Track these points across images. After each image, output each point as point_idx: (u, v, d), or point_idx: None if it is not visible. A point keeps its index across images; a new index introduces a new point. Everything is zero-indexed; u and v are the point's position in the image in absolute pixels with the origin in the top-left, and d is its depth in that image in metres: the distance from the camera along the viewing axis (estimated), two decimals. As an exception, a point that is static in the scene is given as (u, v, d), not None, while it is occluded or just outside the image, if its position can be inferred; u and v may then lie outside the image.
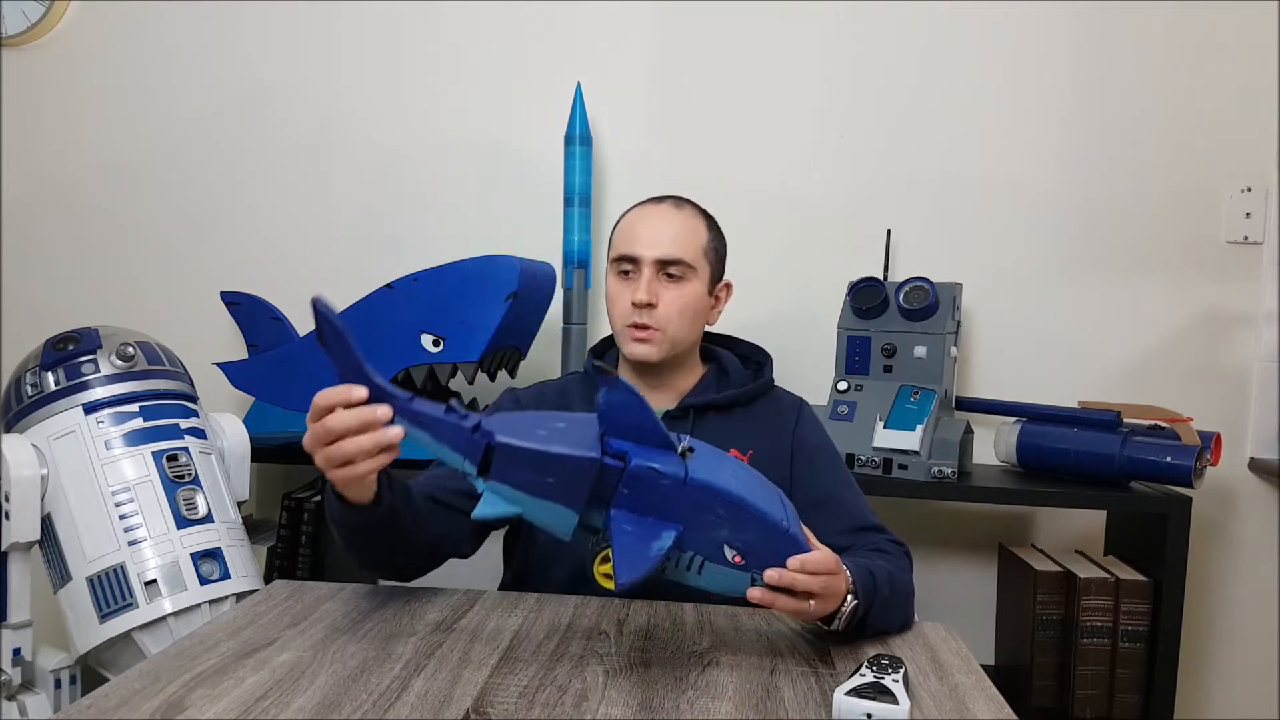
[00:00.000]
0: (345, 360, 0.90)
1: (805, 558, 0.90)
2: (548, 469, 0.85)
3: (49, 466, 1.38)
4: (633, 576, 0.82)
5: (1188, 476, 1.58)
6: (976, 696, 0.90)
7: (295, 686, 0.85)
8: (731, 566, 0.88)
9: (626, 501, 0.85)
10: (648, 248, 1.25)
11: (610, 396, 0.85)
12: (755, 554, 0.88)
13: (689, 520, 0.86)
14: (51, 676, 1.43)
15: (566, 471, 0.85)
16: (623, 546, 0.83)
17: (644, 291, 1.23)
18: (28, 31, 2.02)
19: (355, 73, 2.00)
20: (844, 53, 1.92)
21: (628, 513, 0.85)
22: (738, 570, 0.88)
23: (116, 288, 2.06)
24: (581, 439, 0.86)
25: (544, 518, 0.87)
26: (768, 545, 0.88)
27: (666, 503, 0.85)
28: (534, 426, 0.87)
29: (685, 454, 0.87)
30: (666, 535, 0.85)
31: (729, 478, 0.88)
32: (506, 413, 0.91)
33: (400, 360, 1.72)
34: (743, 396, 1.30)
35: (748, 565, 0.88)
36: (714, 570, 0.88)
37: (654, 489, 0.85)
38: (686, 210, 1.30)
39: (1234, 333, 1.87)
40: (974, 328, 1.92)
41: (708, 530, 0.86)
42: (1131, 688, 1.64)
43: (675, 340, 1.26)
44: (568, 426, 0.88)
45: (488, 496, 0.86)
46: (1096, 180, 1.88)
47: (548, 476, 0.85)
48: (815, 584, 0.91)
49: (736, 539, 0.87)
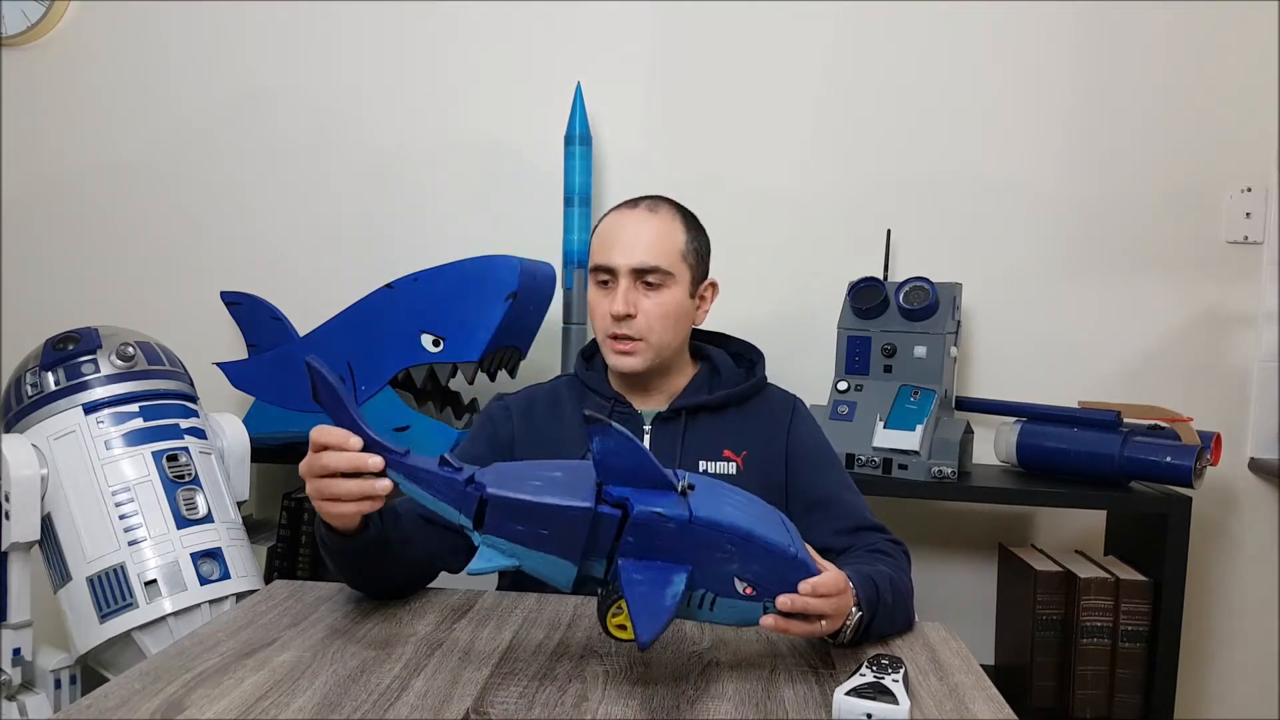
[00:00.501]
0: (340, 416, 0.90)
1: (815, 581, 0.89)
2: (541, 520, 0.84)
3: (49, 466, 1.38)
4: (653, 631, 0.80)
5: (1188, 476, 1.58)
6: (976, 696, 0.90)
7: (295, 686, 0.85)
8: (743, 599, 0.87)
9: (632, 549, 0.85)
10: (623, 256, 1.22)
11: (604, 444, 0.84)
12: (766, 583, 0.87)
13: (698, 559, 0.85)
14: (51, 676, 1.43)
15: (560, 522, 0.84)
16: (637, 598, 0.82)
17: (621, 302, 1.21)
18: (28, 31, 2.02)
19: (355, 73, 2.00)
20: (844, 53, 1.92)
21: (634, 561, 0.84)
22: (749, 601, 0.87)
23: (116, 288, 2.06)
24: (576, 488, 0.85)
25: (542, 569, 0.86)
26: (777, 573, 0.88)
27: (673, 545, 0.84)
28: (528, 477, 0.87)
29: (685, 492, 0.86)
30: (678, 579, 0.84)
31: (732, 511, 0.87)
32: (501, 464, 0.91)
33: (400, 360, 1.72)
34: (735, 396, 1.29)
35: (759, 595, 0.87)
36: (726, 605, 0.87)
37: (660, 533, 0.84)
38: (662, 213, 1.26)
39: (1234, 333, 1.87)
40: (974, 328, 1.92)
41: (717, 566, 0.86)
42: (1131, 688, 1.64)
43: (659, 347, 1.25)
44: (563, 475, 0.88)
45: (483, 550, 0.86)
46: (1096, 180, 1.88)
47: (541, 528, 0.84)
48: (827, 606, 0.91)
49: (747, 571, 0.86)
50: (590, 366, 1.35)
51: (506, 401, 1.34)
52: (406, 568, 1.11)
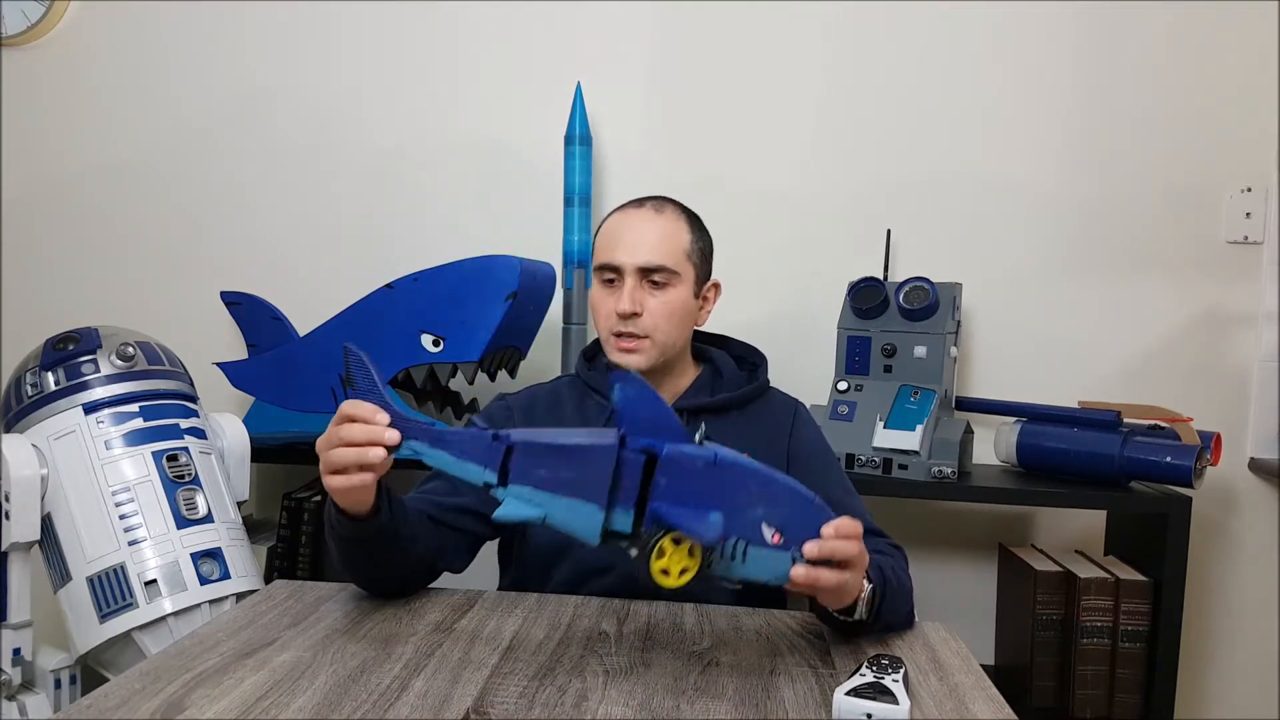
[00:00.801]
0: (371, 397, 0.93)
1: (836, 522, 0.90)
2: (566, 461, 0.85)
3: (49, 466, 1.38)
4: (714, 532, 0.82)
5: (1188, 476, 1.58)
6: (976, 696, 0.90)
7: (295, 686, 0.85)
8: (771, 548, 0.87)
9: (664, 493, 0.85)
10: (629, 255, 1.22)
11: (626, 391, 0.85)
12: (791, 528, 0.88)
13: (725, 502, 0.85)
14: (51, 676, 1.43)
15: (585, 462, 0.85)
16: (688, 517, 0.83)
17: (627, 301, 1.21)
18: (28, 31, 2.02)
19: (355, 73, 2.00)
20: (844, 53, 1.92)
21: (669, 504, 0.85)
22: (778, 550, 0.88)
23: (116, 288, 2.06)
24: (600, 434, 0.87)
25: (568, 518, 0.86)
26: (801, 517, 0.89)
27: (702, 487, 0.85)
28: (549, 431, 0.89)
29: (703, 441, 0.88)
30: (715, 516, 0.84)
31: (749, 458, 0.89)
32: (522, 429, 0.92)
33: (400, 360, 1.72)
34: (737, 399, 1.29)
35: (786, 543, 0.88)
36: (757, 555, 0.87)
37: (689, 473, 0.85)
38: (668, 213, 1.27)
39: (1234, 333, 1.87)
40: (974, 328, 1.92)
41: (744, 510, 0.86)
42: (1131, 688, 1.64)
43: (664, 346, 1.25)
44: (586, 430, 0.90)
45: (509, 501, 0.86)
46: (1097, 180, 1.88)
47: (566, 470, 0.85)
48: (852, 549, 0.91)
49: (773, 515, 0.87)
50: (592, 367, 1.35)
51: (508, 401, 1.34)
52: (411, 564, 1.12)
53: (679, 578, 0.84)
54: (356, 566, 1.10)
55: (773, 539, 0.87)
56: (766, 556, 0.87)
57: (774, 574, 0.89)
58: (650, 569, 0.84)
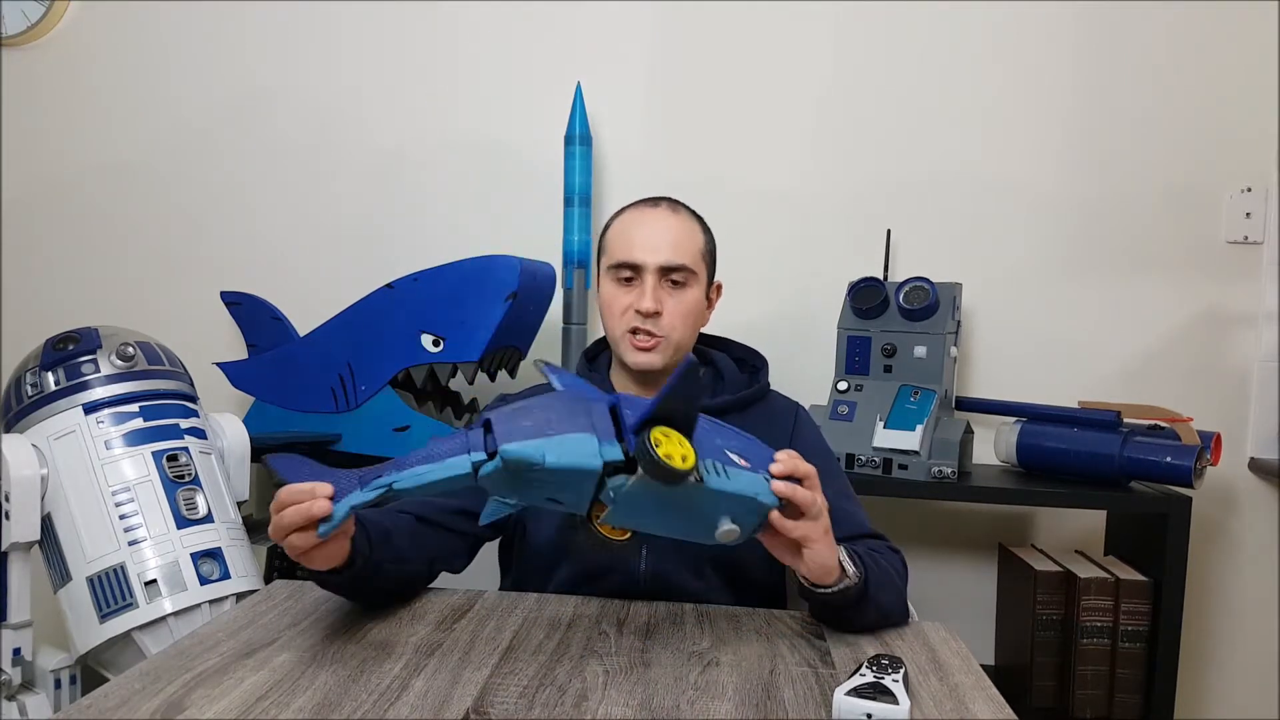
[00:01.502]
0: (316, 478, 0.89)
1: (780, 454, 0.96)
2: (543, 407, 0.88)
3: (49, 466, 1.38)
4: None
5: (1188, 476, 1.58)
6: (976, 696, 0.90)
7: (295, 686, 0.85)
8: (742, 469, 0.92)
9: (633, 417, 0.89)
10: (650, 254, 1.22)
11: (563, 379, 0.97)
12: (750, 455, 0.95)
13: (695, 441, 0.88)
14: (51, 676, 1.43)
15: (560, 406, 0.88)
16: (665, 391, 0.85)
17: (650, 299, 1.21)
18: (28, 31, 2.02)
19: (355, 73, 2.00)
20: (844, 52, 1.92)
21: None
22: (749, 472, 0.93)
23: (116, 288, 2.06)
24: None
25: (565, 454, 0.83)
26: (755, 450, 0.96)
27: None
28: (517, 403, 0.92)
29: None
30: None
31: None
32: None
33: (400, 360, 1.72)
34: (737, 401, 1.29)
35: (753, 466, 0.93)
36: (735, 473, 0.91)
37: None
38: (682, 213, 1.28)
39: (1234, 333, 1.87)
40: (974, 328, 1.92)
41: (707, 440, 0.90)
42: (1131, 688, 1.64)
43: (678, 346, 1.25)
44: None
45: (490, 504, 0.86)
46: (1096, 180, 1.88)
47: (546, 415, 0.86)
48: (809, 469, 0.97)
49: (731, 445, 0.94)
50: (593, 367, 1.35)
51: (508, 400, 1.33)
52: (403, 582, 1.11)
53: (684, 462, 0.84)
54: (348, 597, 1.09)
55: (741, 462, 0.92)
56: (744, 475, 0.92)
57: (757, 490, 0.92)
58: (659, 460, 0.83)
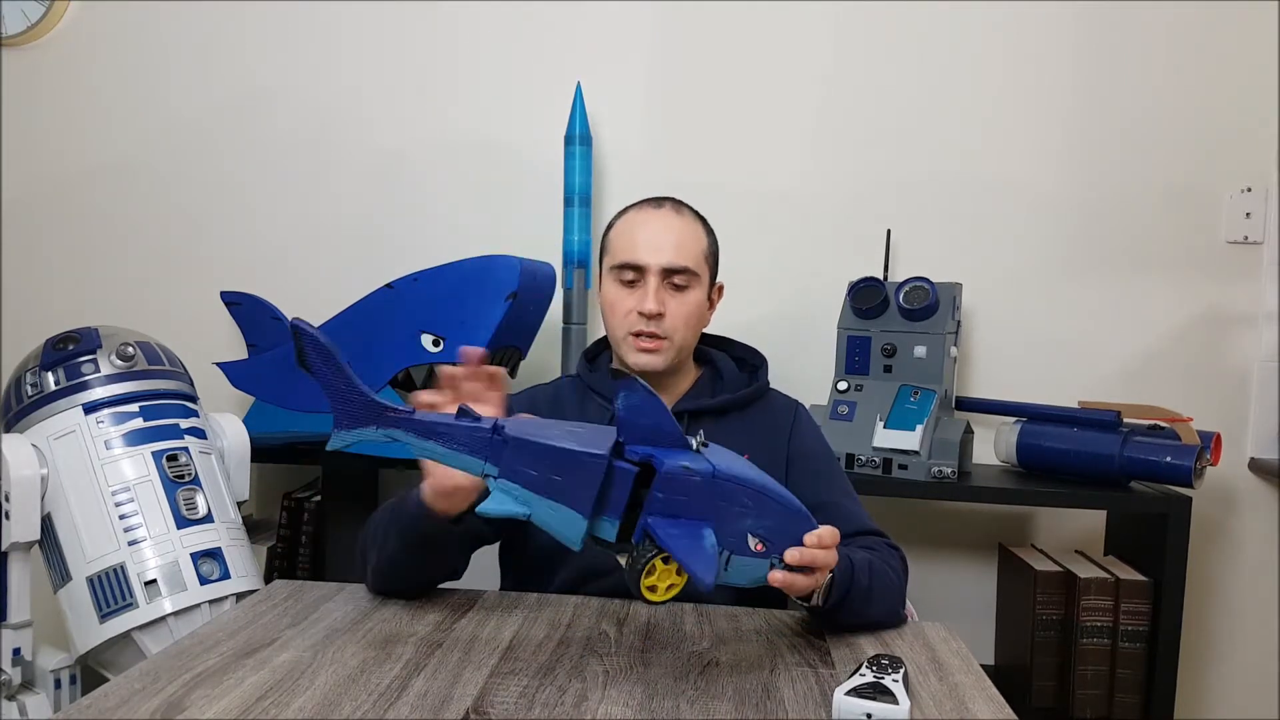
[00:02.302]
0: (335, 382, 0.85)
1: (820, 532, 0.91)
2: (556, 465, 0.83)
3: (49, 466, 1.38)
4: (713, 572, 0.82)
5: (1188, 476, 1.58)
6: (976, 696, 0.90)
7: (295, 686, 0.85)
8: (754, 555, 0.88)
9: (660, 506, 0.84)
10: (653, 256, 1.23)
11: (630, 400, 0.84)
12: (776, 538, 0.89)
13: (717, 515, 0.86)
14: (51, 676, 1.43)
15: (574, 469, 0.83)
16: (685, 549, 0.82)
17: (653, 301, 1.21)
18: (28, 31, 2.02)
19: (355, 73, 2.00)
20: (844, 52, 1.92)
21: (663, 518, 0.84)
22: (759, 558, 0.89)
23: (116, 288, 2.06)
24: (594, 441, 0.85)
25: (552, 522, 0.84)
26: (787, 526, 0.90)
27: (697, 500, 0.85)
28: (549, 428, 0.88)
29: (700, 449, 0.87)
30: (708, 533, 0.84)
31: (744, 467, 0.89)
32: (525, 417, 0.90)
33: (400, 360, 1.72)
34: (738, 400, 1.29)
35: (768, 551, 0.89)
36: (739, 563, 0.88)
37: (685, 489, 0.84)
38: (686, 214, 1.28)
39: (1234, 333, 1.87)
40: (974, 328, 1.92)
41: (734, 521, 0.86)
42: (1131, 688, 1.64)
43: (680, 348, 1.26)
44: (585, 432, 0.88)
45: (496, 494, 0.85)
46: (1096, 180, 1.88)
47: (555, 474, 0.83)
48: (831, 558, 0.92)
49: (760, 526, 0.88)
50: (593, 367, 1.35)
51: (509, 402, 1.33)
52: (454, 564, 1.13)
53: (665, 593, 0.85)
54: (414, 565, 1.09)
55: (755, 547, 0.88)
56: (748, 564, 0.88)
57: (751, 579, 0.89)
58: (639, 585, 0.84)
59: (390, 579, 1.11)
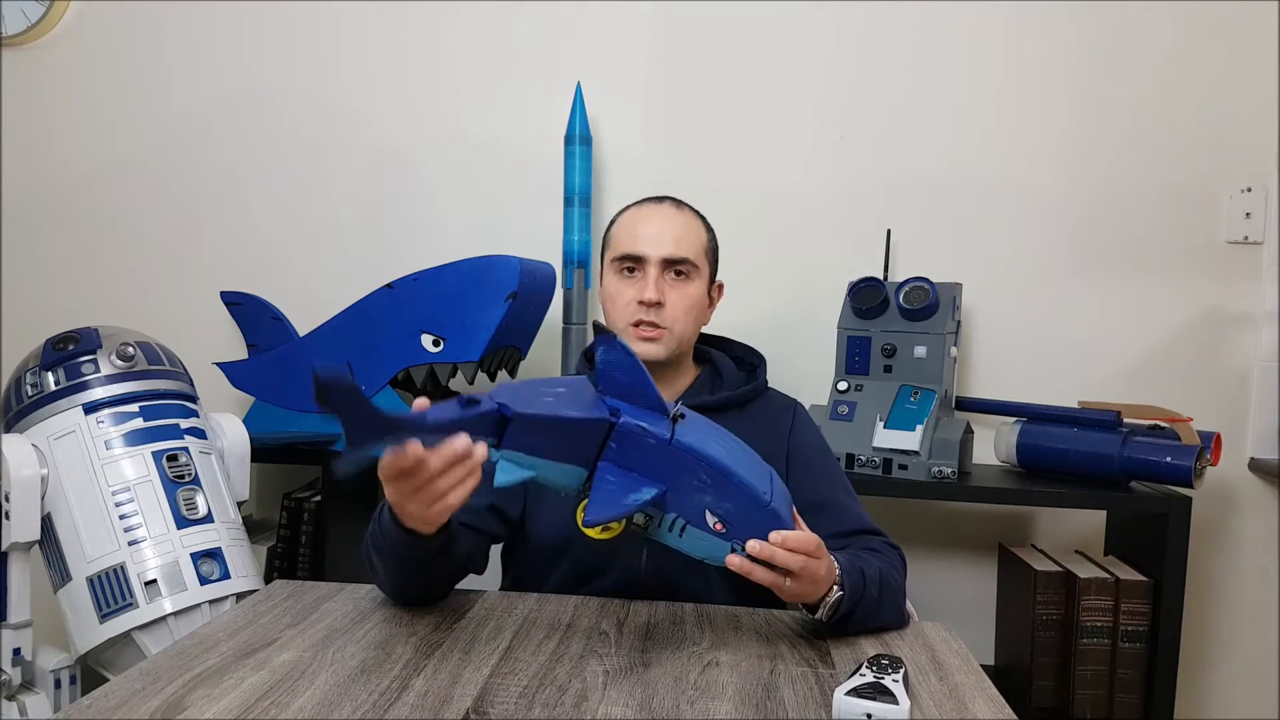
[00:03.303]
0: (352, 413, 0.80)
1: (787, 534, 0.92)
2: (562, 434, 0.88)
3: (49, 466, 1.38)
4: (599, 515, 0.86)
5: (1188, 476, 1.58)
6: (976, 696, 0.90)
7: (295, 686, 0.85)
8: (712, 534, 0.91)
9: (614, 455, 0.89)
10: (654, 247, 1.24)
11: (607, 356, 0.89)
12: (736, 524, 0.91)
13: (673, 483, 0.89)
14: (51, 676, 1.43)
15: (579, 434, 0.88)
16: (601, 492, 0.88)
17: (653, 290, 1.23)
18: (28, 31, 2.02)
19: (355, 73, 2.00)
20: (844, 52, 1.92)
21: (614, 465, 0.89)
22: (718, 538, 0.91)
23: (116, 288, 2.06)
24: (586, 402, 0.90)
25: (555, 476, 0.90)
26: (749, 516, 0.91)
27: (651, 463, 0.89)
28: (537, 395, 0.91)
29: (676, 419, 0.91)
30: (646, 491, 0.88)
31: (716, 448, 0.92)
32: (507, 384, 0.93)
33: (400, 360, 1.72)
34: (736, 399, 1.30)
35: (728, 534, 0.91)
36: (695, 534, 0.91)
37: (639, 447, 0.89)
38: (686, 210, 1.30)
39: (1234, 333, 1.87)
40: (974, 328, 1.92)
41: (690, 494, 0.90)
42: (1131, 688, 1.64)
43: (680, 339, 1.26)
44: (568, 391, 0.92)
45: (503, 465, 0.89)
46: (1097, 180, 1.88)
47: (561, 440, 0.88)
48: (794, 561, 0.93)
49: (718, 506, 0.91)
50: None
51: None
52: (455, 571, 1.12)
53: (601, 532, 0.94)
54: (406, 580, 1.08)
55: (714, 526, 0.91)
56: (705, 539, 0.91)
57: (709, 555, 0.93)
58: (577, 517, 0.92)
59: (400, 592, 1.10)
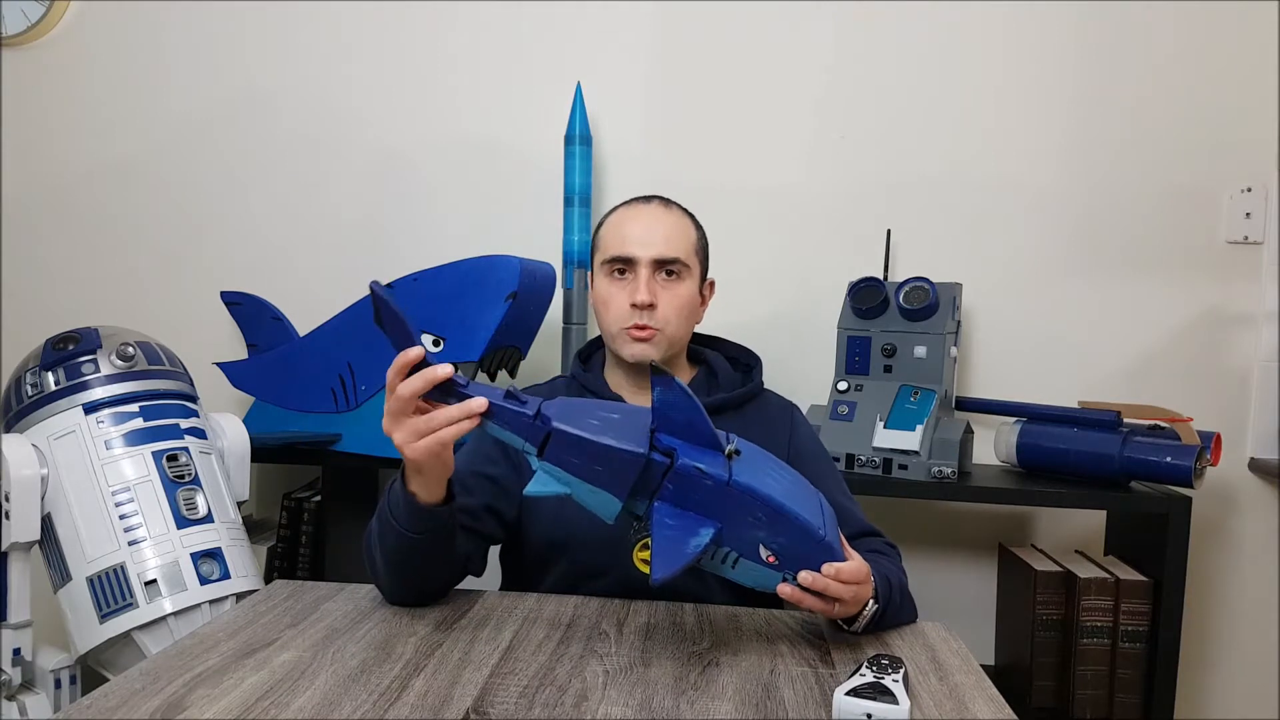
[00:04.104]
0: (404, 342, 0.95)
1: (840, 567, 0.93)
2: (598, 458, 0.89)
3: (49, 466, 1.38)
4: (666, 572, 0.85)
5: (1188, 476, 1.58)
6: (976, 696, 0.90)
7: (295, 686, 0.85)
8: (765, 565, 0.91)
9: (670, 496, 0.90)
10: (643, 248, 1.24)
11: (665, 396, 0.89)
12: (789, 557, 0.91)
13: (728, 519, 0.89)
14: (51, 676, 1.43)
15: (614, 462, 0.89)
16: (661, 540, 0.87)
17: (645, 292, 1.22)
18: (28, 31, 2.02)
19: (355, 72, 2.00)
20: (844, 52, 1.92)
21: (670, 506, 0.89)
22: (770, 569, 0.92)
23: (116, 288, 2.06)
24: (632, 433, 0.90)
25: (590, 501, 0.91)
26: (802, 550, 0.92)
27: (708, 501, 0.89)
28: (589, 415, 0.92)
29: (731, 455, 0.91)
30: (705, 532, 0.88)
31: (772, 483, 0.92)
32: (564, 399, 0.94)
33: (400, 360, 1.72)
34: (733, 400, 1.29)
35: (781, 566, 0.92)
36: (747, 566, 0.92)
37: (697, 488, 0.89)
38: (674, 209, 1.29)
39: (1234, 333, 1.87)
40: (974, 328, 1.92)
41: (746, 530, 0.90)
42: (1131, 688, 1.64)
43: (672, 339, 1.26)
44: (620, 419, 0.93)
45: (540, 475, 0.91)
46: (1096, 180, 1.88)
47: (597, 465, 0.89)
48: (846, 592, 0.94)
49: (773, 541, 0.91)
50: (587, 367, 1.35)
51: None
52: (452, 564, 1.11)
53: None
54: (409, 567, 1.07)
55: (767, 559, 0.91)
56: (757, 570, 0.92)
57: (760, 584, 0.93)
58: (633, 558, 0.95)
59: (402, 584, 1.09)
